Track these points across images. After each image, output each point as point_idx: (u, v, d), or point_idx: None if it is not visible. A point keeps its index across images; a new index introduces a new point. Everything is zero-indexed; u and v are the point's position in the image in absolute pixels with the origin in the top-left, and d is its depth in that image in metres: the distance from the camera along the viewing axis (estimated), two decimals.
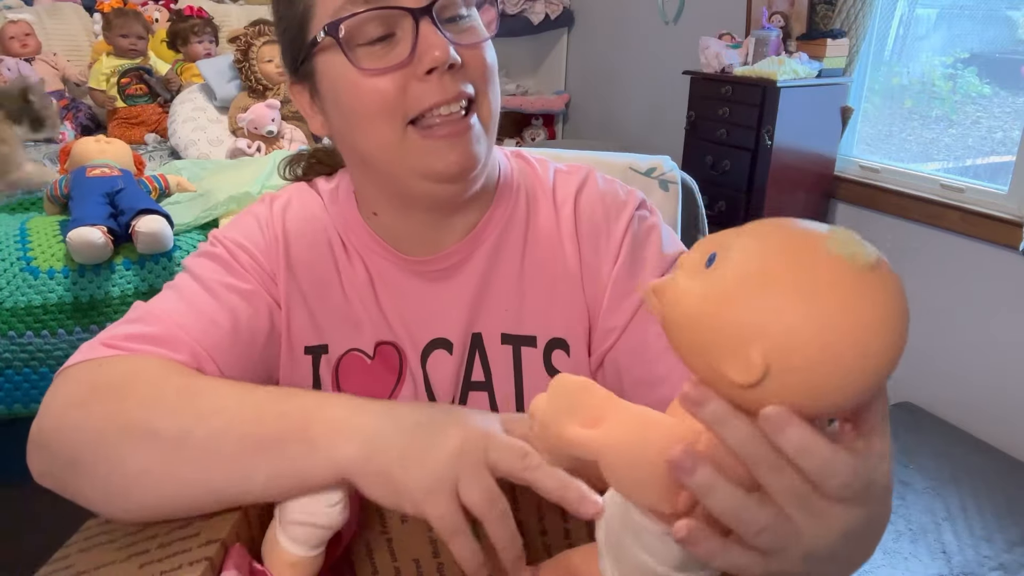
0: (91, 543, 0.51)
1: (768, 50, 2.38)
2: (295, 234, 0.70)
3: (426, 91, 0.59)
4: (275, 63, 2.50)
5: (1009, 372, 2.08)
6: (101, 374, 0.56)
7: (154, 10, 3.11)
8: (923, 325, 2.31)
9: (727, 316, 0.32)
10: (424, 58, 0.58)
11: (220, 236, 0.69)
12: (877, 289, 0.31)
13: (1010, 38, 2.22)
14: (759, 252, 0.33)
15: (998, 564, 1.69)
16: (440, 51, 0.58)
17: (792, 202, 2.43)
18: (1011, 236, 2.02)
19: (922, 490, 1.96)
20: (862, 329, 0.31)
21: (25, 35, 2.73)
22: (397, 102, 0.60)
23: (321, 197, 0.73)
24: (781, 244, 0.33)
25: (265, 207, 0.72)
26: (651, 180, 1.06)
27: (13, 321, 1.51)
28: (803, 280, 0.31)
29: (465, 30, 0.62)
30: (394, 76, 0.59)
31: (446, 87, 0.59)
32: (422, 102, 0.60)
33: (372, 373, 0.70)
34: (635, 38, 3.41)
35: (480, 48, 0.62)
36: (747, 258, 0.33)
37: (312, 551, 0.49)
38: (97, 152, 1.79)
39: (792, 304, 0.31)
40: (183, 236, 1.70)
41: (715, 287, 0.33)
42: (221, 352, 0.61)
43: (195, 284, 0.65)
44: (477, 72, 0.62)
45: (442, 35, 0.58)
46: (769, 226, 0.34)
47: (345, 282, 0.70)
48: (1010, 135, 2.14)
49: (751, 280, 0.32)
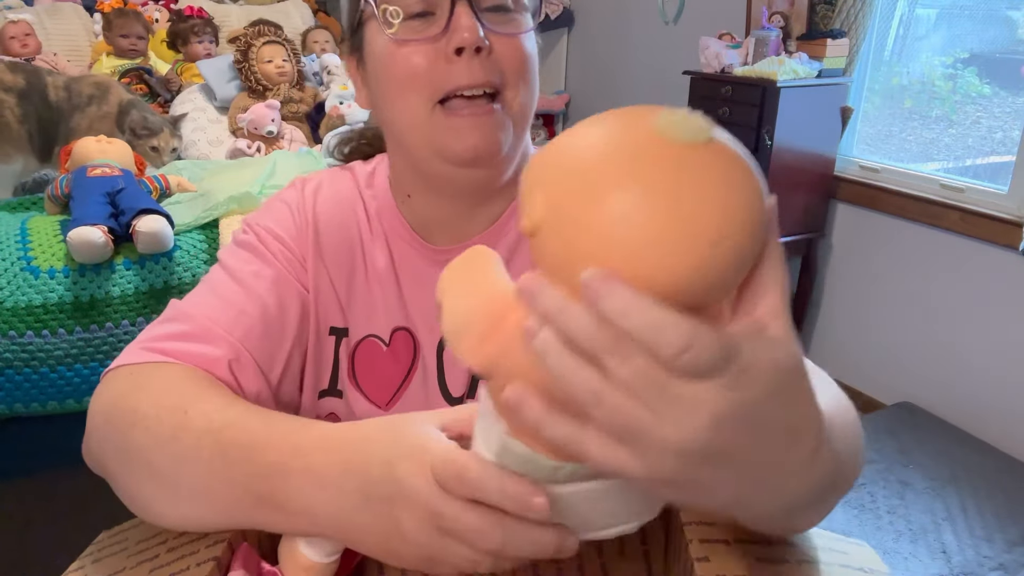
0: (104, 553, 0.52)
1: (768, 50, 2.38)
2: (324, 218, 0.71)
3: (453, 71, 0.60)
4: (275, 63, 2.50)
5: (1009, 372, 2.08)
6: (127, 386, 0.58)
7: (154, 10, 3.11)
8: (923, 325, 2.31)
9: (564, 214, 0.31)
10: (454, 37, 0.59)
11: (252, 222, 0.71)
12: (704, 164, 0.30)
13: (1010, 38, 2.22)
14: (592, 138, 0.32)
15: (998, 564, 1.69)
16: (469, 32, 0.59)
17: (792, 202, 2.43)
18: (1011, 236, 2.02)
19: (922, 490, 1.96)
20: (684, 204, 0.29)
21: (25, 35, 2.73)
22: (426, 77, 0.61)
23: (356, 179, 0.74)
24: (611, 126, 0.32)
25: (296, 192, 0.73)
26: None
27: (13, 321, 1.51)
28: (623, 158, 0.30)
29: (504, 21, 0.62)
30: (426, 50, 0.61)
31: (473, 71, 0.60)
32: (448, 82, 0.60)
33: (386, 360, 0.70)
34: (635, 38, 3.41)
35: (515, 40, 0.63)
36: (581, 146, 0.32)
37: (327, 558, 0.49)
38: (98, 152, 1.79)
39: (612, 183, 0.30)
40: (183, 236, 1.70)
41: (555, 188, 0.32)
42: (253, 339, 0.63)
43: (225, 276, 0.67)
44: (509, 63, 0.62)
45: (475, 19, 0.59)
46: (607, 113, 0.33)
47: (369, 267, 0.71)
48: (1010, 135, 2.14)
49: (581, 168, 0.31)
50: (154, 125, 2.10)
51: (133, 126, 2.06)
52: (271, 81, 2.50)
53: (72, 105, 2.04)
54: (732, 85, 2.39)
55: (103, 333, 1.58)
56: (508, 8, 0.63)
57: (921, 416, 2.28)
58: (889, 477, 2.01)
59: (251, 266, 0.67)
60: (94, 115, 2.05)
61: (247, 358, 0.63)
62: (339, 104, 2.41)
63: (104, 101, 2.08)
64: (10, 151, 2.01)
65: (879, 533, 1.81)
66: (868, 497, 1.94)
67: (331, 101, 2.44)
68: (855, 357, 2.55)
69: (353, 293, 0.71)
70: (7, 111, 1.95)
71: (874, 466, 2.06)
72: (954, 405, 2.24)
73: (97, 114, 2.05)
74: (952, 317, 2.23)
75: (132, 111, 2.08)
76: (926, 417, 2.27)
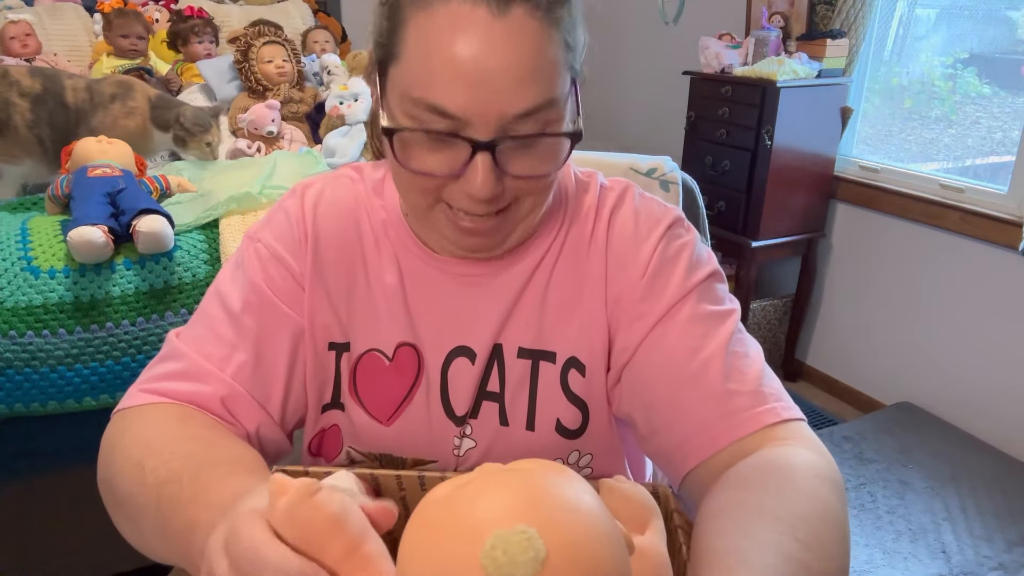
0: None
1: (768, 50, 2.38)
2: (324, 231, 0.70)
3: (459, 198, 0.59)
4: (275, 64, 2.50)
5: (1009, 372, 2.08)
6: (117, 431, 0.62)
7: (154, 10, 3.11)
8: (923, 325, 2.31)
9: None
10: (465, 186, 0.57)
11: (254, 235, 0.71)
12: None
13: (1010, 38, 2.22)
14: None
15: (998, 564, 1.69)
16: (480, 192, 0.57)
17: (792, 202, 2.43)
18: (1011, 236, 2.02)
19: (922, 490, 1.96)
20: None
21: (25, 35, 2.73)
22: (435, 188, 0.60)
23: (365, 185, 0.73)
24: (438, 555, 0.33)
25: (296, 201, 0.71)
26: (652, 180, 1.06)
27: (14, 321, 1.51)
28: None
29: (530, 155, 0.58)
30: (436, 179, 0.59)
31: (479, 206, 0.59)
32: (454, 201, 0.60)
33: (388, 375, 0.70)
34: (635, 38, 3.41)
35: (535, 181, 0.60)
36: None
37: None
38: (98, 152, 1.79)
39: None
40: (183, 236, 1.70)
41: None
42: (245, 375, 0.66)
43: (219, 309, 0.68)
44: (523, 192, 0.61)
45: (493, 170, 0.56)
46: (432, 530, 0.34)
47: (372, 281, 0.70)
48: (1010, 135, 2.14)
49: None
50: (205, 121, 2.06)
51: (185, 123, 2.02)
52: (271, 81, 2.50)
53: (94, 104, 2.02)
54: (732, 85, 2.39)
55: (103, 333, 1.58)
56: (537, 134, 0.57)
57: (921, 416, 2.28)
58: (889, 477, 2.02)
59: (246, 296, 0.68)
60: (119, 112, 2.02)
61: (241, 393, 0.65)
62: (339, 104, 2.41)
63: (129, 97, 2.04)
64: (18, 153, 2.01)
65: (879, 533, 1.82)
66: (868, 497, 1.94)
67: (331, 101, 2.44)
68: (855, 357, 2.55)
69: (354, 307, 0.70)
70: (16, 115, 1.95)
71: (874, 466, 2.06)
72: (954, 405, 2.24)
73: (122, 111, 2.02)
74: (952, 317, 2.23)
75: (182, 108, 2.05)
76: (926, 417, 2.27)
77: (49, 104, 1.99)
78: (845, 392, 2.58)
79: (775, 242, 2.44)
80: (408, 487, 0.54)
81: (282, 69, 2.51)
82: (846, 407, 2.55)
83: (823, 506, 0.50)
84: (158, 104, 2.06)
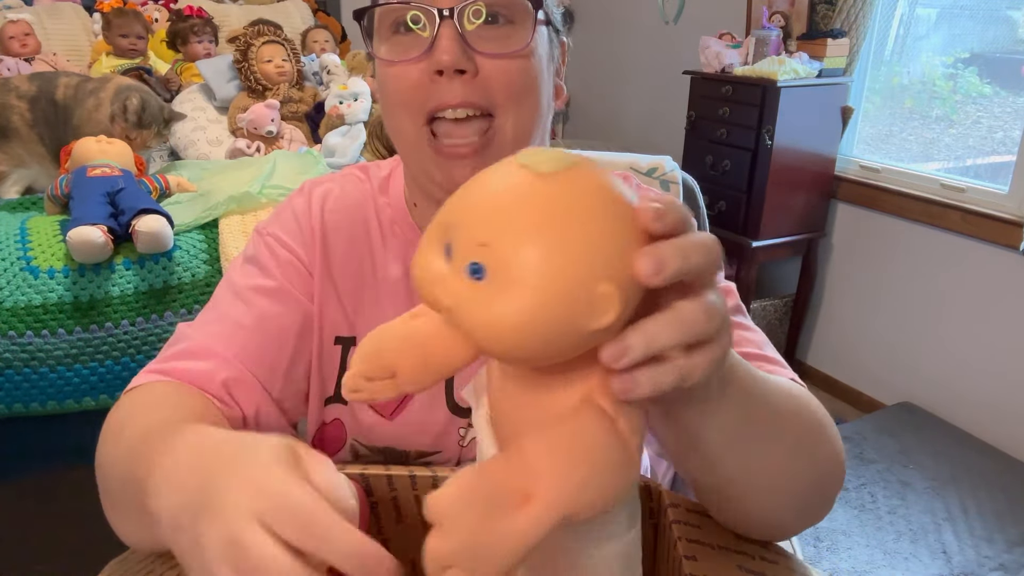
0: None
1: (768, 50, 2.38)
2: (332, 227, 0.70)
3: (435, 91, 0.59)
4: (274, 63, 2.50)
5: (1009, 372, 2.08)
6: (115, 409, 0.61)
7: (154, 10, 3.11)
8: (923, 325, 2.31)
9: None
10: (433, 58, 0.58)
11: (263, 229, 0.72)
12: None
13: (1010, 38, 2.22)
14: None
15: (998, 564, 1.69)
16: (448, 55, 0.57)
17: (792, 202, 2.43)
18: (1011, 236, 2.02)
19: (922, 490, 1.96)
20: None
21: (25, 35, 2.72)
22: (413, 94, 0.60)
23: (371, 184, 0.73)
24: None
25: (304, 199, 0.72)
26: (652, 180, 1.06)
27: (13, 321, 1.51)
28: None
29: (496, 36, 0.59)
30: (411, 69, 0.59)
31: (454, 91, 0.59)
32: (430, 100, 0.60)
33: None
34: (635, 38, 3.41)
35: (503, 60, 0.60)
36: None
37: None
38: (98, 152, 1.79)
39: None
40: (183, 236, 1.70)
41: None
42: (250, 355, 0.65)
43: (228, 292, 0.69)
44: (498, 85, 0.60)
45: (458, 40, 0.57)
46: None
47: (379, 276, 0.70)
48: (1010, 135, 2.14)
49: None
50: (146, 120, 2.02)
51: (128, 115, 1.98)
52: (271, 81, 2.50)
53: (77, 100, 2.02)
54: (732, 85, 2.39)
55: (103, 333, 1.58)
56: (501, 19, 0.59)
57: (921, 416, 2.28)
58: (889, 477, 2.01)
59: (254, 280, 0.68)
60: (91, 106, 2.01)
61: (245, 374, 0.64)
62: (339, 104, 2.41)
63: (101, 90, 2.03)
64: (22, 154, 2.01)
65: (879, 533, 1.81)
66: (868, 497, 1.94)
67: (331, 101, 2.44)
68: (855, 357, 2.55)
69: (361, 302, 0.70)
70: (15, 116, 1.96)
71: (874, 466, 2.06)
72: (954, 405, 2.24)
73: (94, 104, 2.01)
74: (952, 317, 2.23)
75: (132, 95, 2.02)
76: (926, 417, 2.27)
77: (42, 103, 2.00)
78: (846, 392, 2.58)
79: (775, 242, 2.44)
80: (399, 486, 0.55)
81: (282, 69, 2.51)
82: (847, 407, 2.54)
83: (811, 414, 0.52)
84: (121, 92, 2.03)
